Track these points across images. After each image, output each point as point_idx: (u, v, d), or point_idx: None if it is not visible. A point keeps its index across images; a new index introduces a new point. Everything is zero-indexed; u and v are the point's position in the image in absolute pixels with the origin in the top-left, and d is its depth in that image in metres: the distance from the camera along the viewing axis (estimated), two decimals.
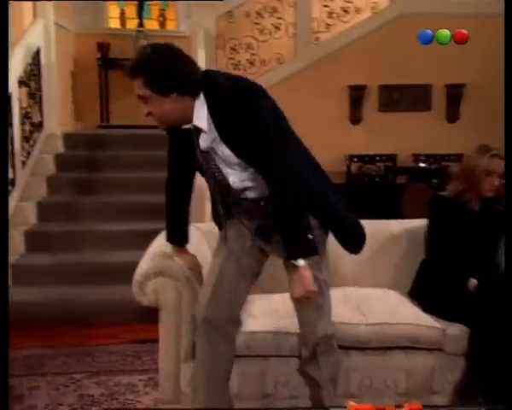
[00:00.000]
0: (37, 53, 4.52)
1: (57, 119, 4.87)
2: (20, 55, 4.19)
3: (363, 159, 5.33)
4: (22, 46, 4.23)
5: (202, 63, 4.69)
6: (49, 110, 4.74)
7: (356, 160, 5.33)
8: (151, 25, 6.69)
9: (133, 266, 2.38)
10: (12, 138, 3.97)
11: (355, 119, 5.49)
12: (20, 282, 3.63)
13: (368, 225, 2.84)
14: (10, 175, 3.95)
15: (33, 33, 4.46)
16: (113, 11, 6.63)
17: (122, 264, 3.52)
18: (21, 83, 4.20)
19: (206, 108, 1.77)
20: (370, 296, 2.50)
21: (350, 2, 5.48)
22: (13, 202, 3.97)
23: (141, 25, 6.45)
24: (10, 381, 2.65)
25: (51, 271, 3.71)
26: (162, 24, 6.80)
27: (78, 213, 4.19)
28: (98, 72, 6.12)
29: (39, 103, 4.60)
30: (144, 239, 2.50)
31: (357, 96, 5.42)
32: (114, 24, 6.61)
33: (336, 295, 2.51)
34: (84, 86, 5.99)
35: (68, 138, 4.81)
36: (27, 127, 4.33)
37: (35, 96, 4.51)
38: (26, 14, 4.50)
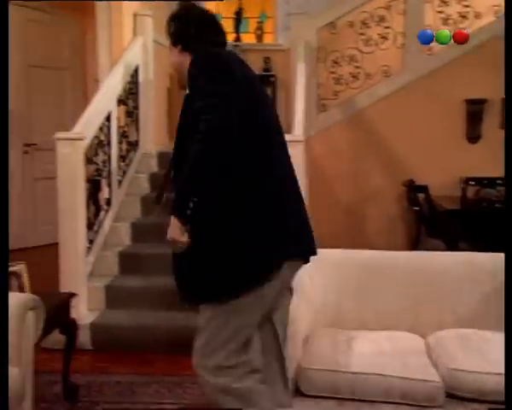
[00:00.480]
0: (136, 71, 4.81)
1: (152, 137, 5.14)
2: (120, 73, 4.48)
3: (482, 182, 5.08)
4: (122, 65, 4.52)
5: (302, 77, 4.74)
6: (145, 129, 5.01)
7: (473, 183, 5.09)
8: (248, 38, 6.91)
9: None
10: (110, 158, 4.24)
11: (473, 136, 5.27)
12: (113, 305, 3.82)
13: (488, 257, 2.74)
14: (106, 195, 4.22)
15: (133, 51, 4.75)
16: None
17: None
18: (120, 101, 4.48)
19: None
20: (494, 341, 2.36)
21: (468, 7, 5.30)
22: (108, 222, 4.22)
23: (238, 39, 6.69)
24: (102, 406, 2.80)
25: (143, 294, 3.84)
26: (259, 37, 7.00)
27: None
28: None
29: (136, 122, 4.88)
30: None
31: (475, 110, 5.20)
32: None
33: (450, 338, 2.41)
34: (179, 104, 6.27)
35: (162, 157, 5.03)
36: (124, 146, 4.60)
37: (132, 114, 4.79)
38: (126, 32, 4.83)
